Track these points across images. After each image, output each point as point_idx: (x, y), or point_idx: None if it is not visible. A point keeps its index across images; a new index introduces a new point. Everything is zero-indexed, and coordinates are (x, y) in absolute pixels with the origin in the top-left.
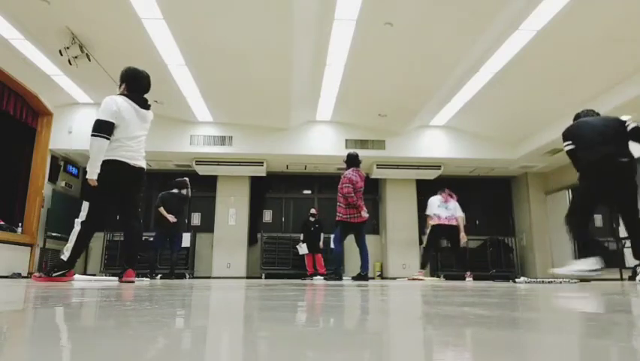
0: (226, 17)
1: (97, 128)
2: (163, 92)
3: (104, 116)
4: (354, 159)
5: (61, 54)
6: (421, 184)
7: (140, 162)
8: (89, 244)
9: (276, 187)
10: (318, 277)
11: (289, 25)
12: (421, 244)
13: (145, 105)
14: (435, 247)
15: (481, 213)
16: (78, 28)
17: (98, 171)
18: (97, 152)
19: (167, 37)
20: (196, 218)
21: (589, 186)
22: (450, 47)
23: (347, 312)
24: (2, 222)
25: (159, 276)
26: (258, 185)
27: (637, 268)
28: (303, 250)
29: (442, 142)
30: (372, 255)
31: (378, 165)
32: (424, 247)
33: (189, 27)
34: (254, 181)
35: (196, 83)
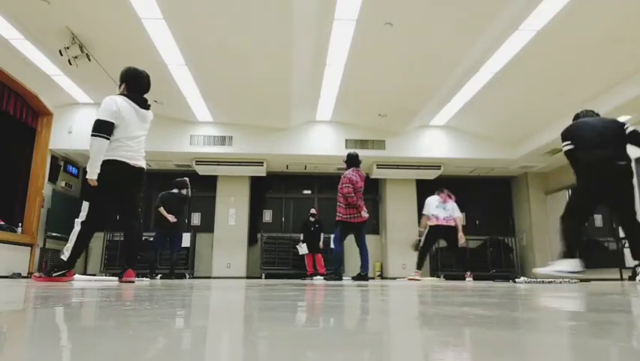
0: (226, 17)
1: (97, 128)
2: (163, 92)
3: (104, 116)
4: (354, 159)
5: (61, 54)
6: (420, 184)
7: (140, 162)
8: (89, 244)
9: (276, 187)
10: (318, 277)
11: (289, 25)
12: (416, 250)
13: (145, 105)
14: (427, 248)
15: (481, 213)
16: (78, 28)
17: (98, 171)
18: (97, 152)
19: (167, 37)
20: (196, 218)
21: (587, 187)
22: (450, 47)
23: (347, 312)
24: (2, 222)
25: (159, 276)
26: (258, 185)
27: (637, 268)
28: (303, 250)
29: (442, 142)
30: (372, 255)
31: (378, 165)
32: (420, 248)
33: (189, 27)
34: (254, 181)
35: (196, 83)
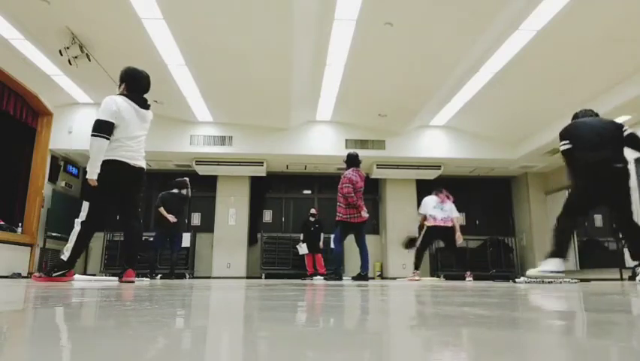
0: (226, 17)
1: (97, 128)
2: (163, 92)
3: (104, 116)
4: (354, 159)
5: (61, 54)
6: (420, 184)
7: (140, 162)
8: (89, 244)
9: (276, 187)
10: (318, 277)
11: (289, 25)
12: (406, 248)
13: (145, 105)
14: (424, 248)
15: (481, 213)
16: (78, 28)
17: (98, 171)
18: (97, 152)
19: (167, 37)
20: (196, 218)
21: (586, 187)
22: (450, 47)
23: (347, 312)
24: (2, 222)
25: (159, 276)
26: (258, 185)
27: (636, 268)
28: (303, 250)
29: (442, 142)
30: (372, 255)
31: (378, 165)
32: (417, 248)
33: (189, 27)
34: (254, 181)
35: (196, 83)
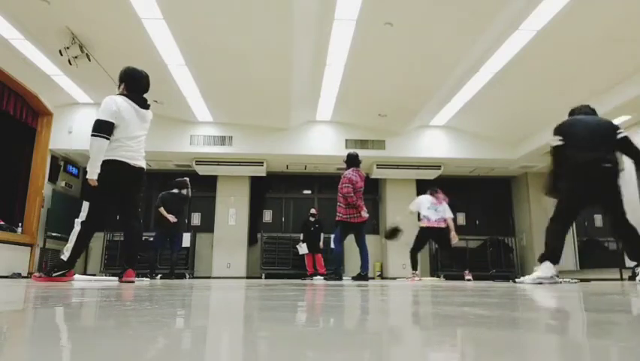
0: (226, 17)
1: (97, 128)
2: (163, 92)
3: (104, 116)
4: (354, 159)
5: (61, 54)
6: (420, 184)
7: (140, 162)
8: (89, 244)
9: (276, 187)
10: (318, 277)
11: (289, 25)
12: (388, 238)
13: (144, 105)
14: (418, 249)
15: (481, 213)
16: (78, 28)
17: (98, 171)
18: (97, 152)
19: (167, 37)
20: (196, 218)
21: (573, 188)
22: (450, 47)
23: (347, 312)
24: (2, 222)
25: (159, 276)
26: (258, 185)
27: (636, 268)
28: (303, 250)
29: (442, 142)
30: (372, 255)
31: (378, 165)
32: (411, 248)
33: (189, 27)
34: (254, 181)
35: (196, 83)
